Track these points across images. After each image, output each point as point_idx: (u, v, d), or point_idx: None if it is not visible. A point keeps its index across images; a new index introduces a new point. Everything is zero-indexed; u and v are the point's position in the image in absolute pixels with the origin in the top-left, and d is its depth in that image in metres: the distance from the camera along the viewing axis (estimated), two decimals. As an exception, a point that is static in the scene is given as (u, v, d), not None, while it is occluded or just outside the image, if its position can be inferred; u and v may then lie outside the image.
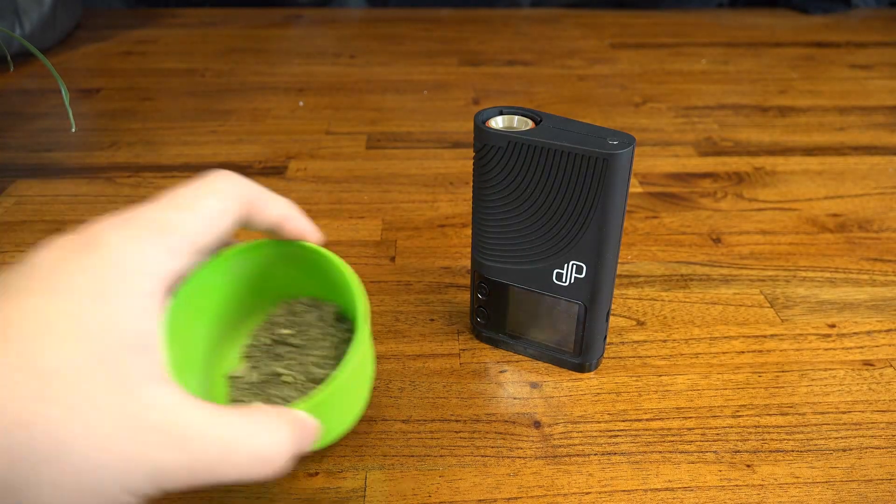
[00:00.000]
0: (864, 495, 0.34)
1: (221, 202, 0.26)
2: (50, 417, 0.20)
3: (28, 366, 0.20)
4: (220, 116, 0.77)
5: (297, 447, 0.24)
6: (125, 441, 0.20)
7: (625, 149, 0.33)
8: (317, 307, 0.37)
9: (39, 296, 0.21)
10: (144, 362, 0.22)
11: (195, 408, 0.22)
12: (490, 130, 0.35)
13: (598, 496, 0.34)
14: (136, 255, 0.22)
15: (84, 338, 0.21)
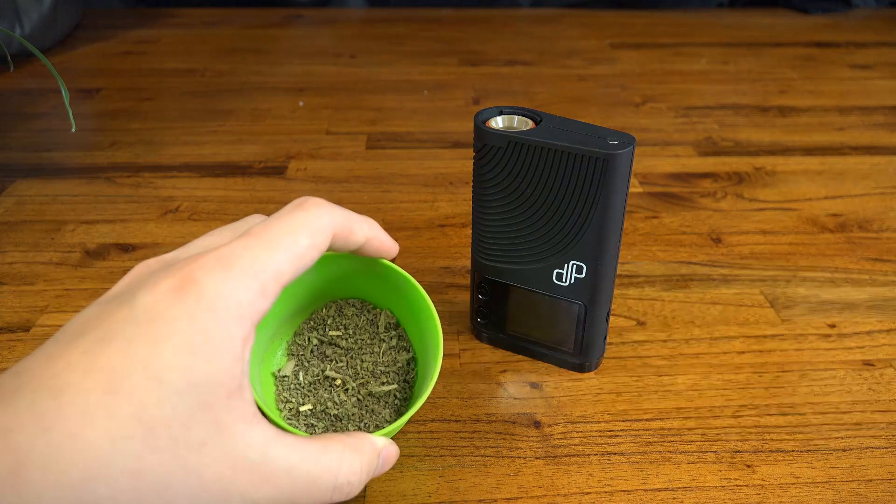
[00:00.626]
0: (864, 495, 0.34)
1: (312, 237, 0.26)
2: (157, 466, 0.21)
3: (138, 418, 0.21)
4: (220, 116, 0.77)
5: (374, 472, 0.28)
6: (224, 481, 0.23)
7: (625, 149, 0.33)
8: (367, 311, 0.37)
9: (146, 345, 0.22)
10: (240, 405, 0.23)
11: (283, 445, 0.24)
12: (490, 130, 0.35)
13: (598, 496, 0.34)
14: (231, 301, 0.23)
15: (190, 390, 0.22)
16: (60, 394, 0.21)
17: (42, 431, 0.20)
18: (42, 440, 0.20)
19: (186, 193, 0.61)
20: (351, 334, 0.37)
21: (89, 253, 0.52)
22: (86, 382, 0.21)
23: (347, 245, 0.29)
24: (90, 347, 0.22)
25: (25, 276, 0.49)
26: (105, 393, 0.21)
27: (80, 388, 0.21)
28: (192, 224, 0.56)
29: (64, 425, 0.20)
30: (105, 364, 0.21)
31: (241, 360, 0.23)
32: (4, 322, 0.45)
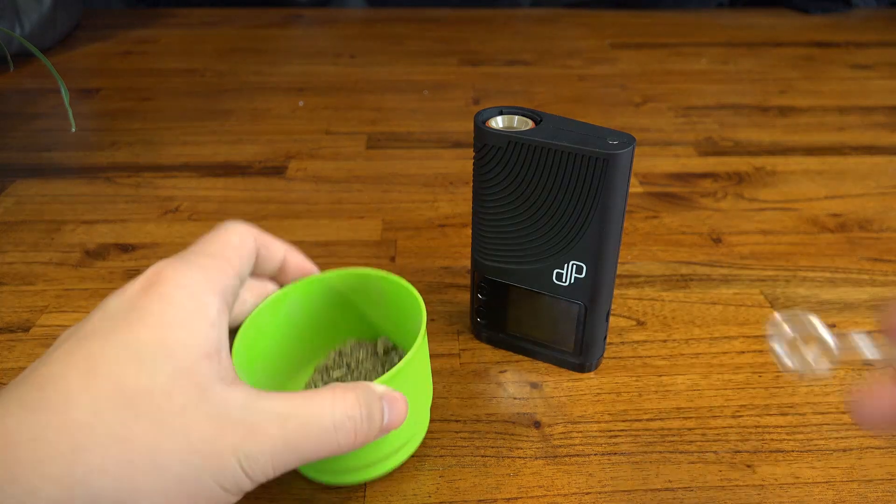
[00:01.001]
0: (864, 495, 0.34)
1: (240, 236, 0.30)
2: (142, 432, 0.22)
3: (118, 390, 0.22)
4: (220, 116, 0.77)
5: (381, 417, 0.27)
6: (212, 440, 0.23)
7: (625, 149, 0.33)
8: (364, 346, 0.38)
9: (122, 330, 0.24)
10: (217, 367, 0.24)
11: (268, 398, 0.25)
12: (490, 130, 0.35)
13: (598, 496, 0.34)
14: (196, 277, 0.26)
15: (167, 357, 0.23)
16: (44, 384, 0.22)
17: (28, 414, 0.21)
18: (29, 420, 0.21)
19: (186, 193, 0.60)
20: (354, 367, 0.37)
21: (89, 253, 0.52)
22: (67, 371, 0.22)
23: (270, 255, 0.32)
24: (70, 347, 0.23)
25: (25, 276, 0.49)
26: (84, 376, 0.22)
27: (61, 376, 0.22)
28: (192, 224, 0.56)
29: (48, 407, 0.22)
30: (85, 354, 0.23)
31: (215, 325, 0.25)
32: (4, 322, 0.45)
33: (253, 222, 0.59)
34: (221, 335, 0.26)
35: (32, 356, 0.42)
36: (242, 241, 0.30)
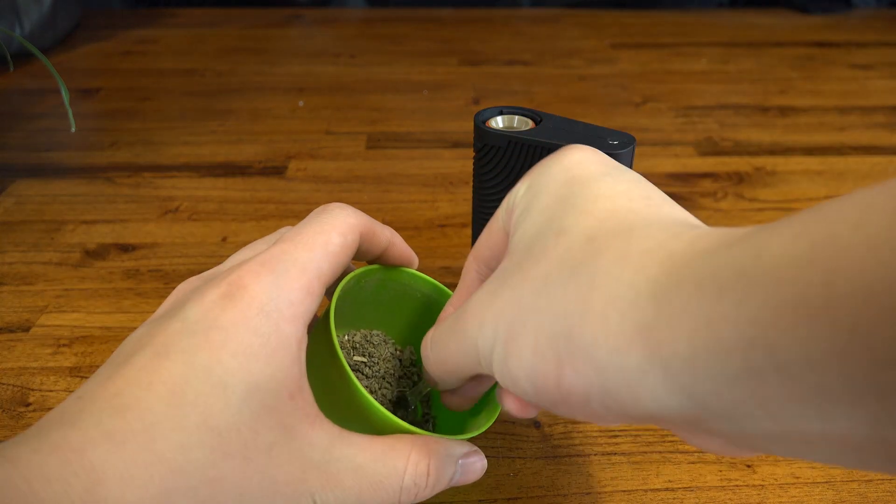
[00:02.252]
0: (864, 495, 0.34)
1: (342, 235, 0.27)
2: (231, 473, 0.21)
3: (206, 425, 0.21)
4: (220, 116, 0.77)
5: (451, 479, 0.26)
6: (295, 483, 0.23)
7: (625, 149, 0.33)
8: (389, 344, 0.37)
9: (204, 353, 0.22)
10: (302, 406, 0.24)
11: (348, 445, 0.24)
12: (490, 130, 0.35)
13: (598, 496, 0.34)
14: (282, 302, 0.24)
15: (253, 392, 0.22)
16: (126, 411, 0.21)
17: (115, 448, 0.20)
18: (116, 456, 0.20)
19: (186, 193, 0.61)
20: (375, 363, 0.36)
21: (89, 253, 0.52)
22: (149, 396, 0.21)
23: (372, 247, 0.29)
24: (147, 363, 0.22)
25: (25, 276, 0.49)
26: (169, 405, 0.21)
27: (144, 402, 0.21)
28: (192, 224, 0.56)
29: (135, 441, 0.20)
30: (166, 377, 0.21)
31: (297, 360, 0.24)
32: (4, 322, 0.45)
33: (253, 222, 0.59)
34: (302, 369, 0.24)
35: (32, 356, 0.42)
36: (343, 245, 0.27)
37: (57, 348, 0.42)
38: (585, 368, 0.19)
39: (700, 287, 0.16)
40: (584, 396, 0.19)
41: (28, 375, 0.40)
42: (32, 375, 0.40)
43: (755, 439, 0.17)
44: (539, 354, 0.20)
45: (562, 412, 0.21)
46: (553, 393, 0.20)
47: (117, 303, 0.47)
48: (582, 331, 0.19)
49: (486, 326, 0.22)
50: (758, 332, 0.14)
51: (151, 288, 0.48)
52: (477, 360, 0.23)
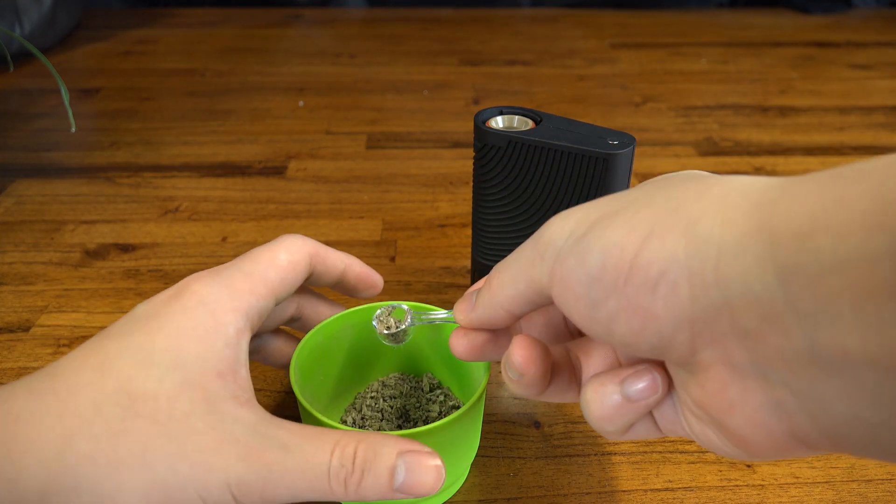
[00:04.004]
0: (864, 495, 0.34)
1: (291, 254, 0.29)
2: (137, 430, 0.22)
3: (124, 389, 0.23)
4: (220, 116, 0.77)
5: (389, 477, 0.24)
6: (207, 451, 0.22)
7: (625, 149, 0.33)
8: (408, 379, 0.38)
9: (140, 335, 0.24)
10: (231, 386, 0.24)
11: (278, 426, 0.24)
12: (490, 130, 0.35)
13: (598, 496, 0.34)
14: (222, 296, 0.26)
15: (178, 367, 0.24)
16: (56, 376, 0.23)
17: (34, 399, 0.22)
18: (33, 405, 0.22)
19: (186, 193, 0.61)
20: (399, 395, 0.37)
21: (89, 253, 0.52)
22: (78, 366, 0.23)
23: (326, 269, 0.31)
24: (90, 344, 0.24)
25: (25, 276, 0.49)
26: (94, 372, 0.23)
27: (72, 371, 0.23)
28: (192, 224, 0.56)
29: (53, 396, 0.22)
30: (101, 353, 0.24)
31: (234, 346, 0.25)
32: (4, 322, 0.45)
33: (253, 222, 0.59)
34: (239, 355, 0.25)
35: (32, 356, 0.42)
36: (291, 260, 0.29)
37: (57, 348, 0.42)
38: (676, 241, 0.17)
39: (834, 176, 0.15)
40: (658, 271, 0.18)
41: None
42: (32, 375, 0.40)
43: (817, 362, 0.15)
44: (628, 226, 0.19)
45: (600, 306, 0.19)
46: (621, 267, 0.18)
47: (117, 303, 0.47)
48: (693, 206, 0.18)
49: (570, 220, 0.21)
50: (885, 214, 0.14)
51: (151, 288, 0.48)
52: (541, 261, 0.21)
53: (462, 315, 0.26)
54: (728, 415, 0.18)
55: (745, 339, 0.17)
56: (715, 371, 0.18)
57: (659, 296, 0.18)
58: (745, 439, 0.18)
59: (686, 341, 0.18)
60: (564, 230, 0.21)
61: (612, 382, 0.22)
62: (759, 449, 0.18)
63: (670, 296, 0.18)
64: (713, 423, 0.19)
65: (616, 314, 0.19)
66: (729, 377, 0.18)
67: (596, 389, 0.22)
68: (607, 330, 0.19)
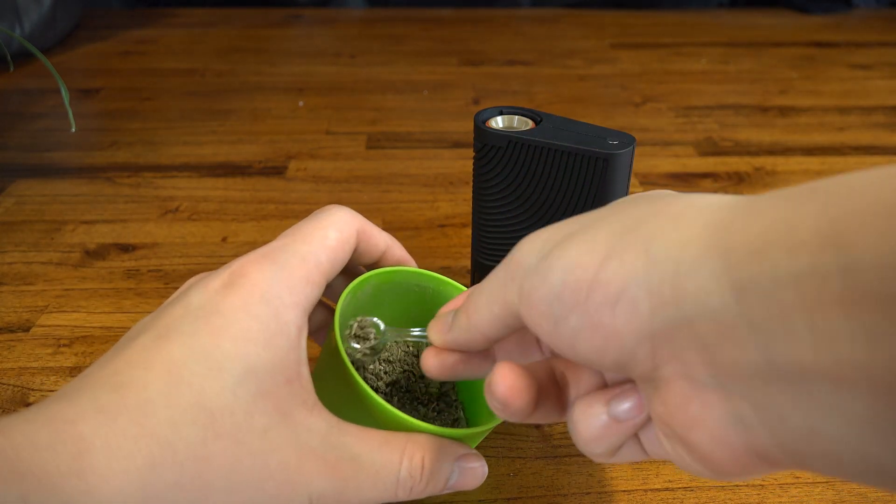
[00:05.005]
0: (865, 495, 0.34)
1: (339, 231, 0.28)
2: (222, 453, 0.21)
3: (199, 404, 0.21)
4: (220, 116, 0.77)
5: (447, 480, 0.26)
6: (290, 469, 0.22)
7: (625, 149, 0.33)
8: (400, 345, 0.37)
9: (204, 336, 0.23)
10: (300, 392, 0.24)
11: (346, 434, 0.24)
12: (490, 130, 0.35)
13: (598, 496, 0.34)
14: (282, 289, 0.24)
15: (250, 376, 0.22)
16: (121, 388, 0.21)
17: (105, 421, 0.20)
18: (105, 428, 0.20)
19: (186, 193, 0.61)
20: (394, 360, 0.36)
21: (89, 253, 0.52)
22: (146, 376, 0.22)
23: (370, 248, 0.30)
24: (149, 344, 0.23)
25: (25, 276, 0.49)
26: (165, 384, 0.21)
27: (140, 381, 0.21)
28: (192, 224, 0.56)
29: (126, 415, 0.21)
30: (165, 357, 0.22)
31: (297, 347, 0.24)
32: (4, 322, 0.45)
33: (253, 222, 0.59)
34: (301, 356, 0.25)
35: (32, 356, 0.42)
36: (340, 238, 0.28)
37: (57, 348, 0.42)
38: (634, 259, 0.18)
39: (786, 196, 0.16)
40: (618, 289, 0.18)
41: (28, 375, 0.40)
42: (32, 375, 0.40)
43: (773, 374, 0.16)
44: (587, 245, 0.19)
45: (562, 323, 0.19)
46: (581, 285, 0.19)
47: (117, 303, 0.47)
48: (649, 225, 0.18)
49: (537, 241, 0.22)
50: (834, 231, 0.14)
51: (152, 288, 0.48)
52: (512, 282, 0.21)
53: (437, 335, 0.25)
54: (691, 430, 0.18)
55: (704, 353, 0.17)
56: (676, 386, 0.18)
57: (619, 312, 0.18)
58: (709, 456, 0.18)
59: (647, 356, 0.18)
60: (533, 250, 0.21)
61: (599, 403, 0.22)
62: (722, 466, 0.18)
63: (630, 312, 0.18)
64: (679, 441, 0.19)
65: (578, 331, 0.19)
66: (690, 391, 0.18)
67: (583, 410, 0.22)
68: (571, 346, 0.20)
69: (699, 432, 0.18)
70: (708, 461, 0.19)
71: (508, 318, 0.22)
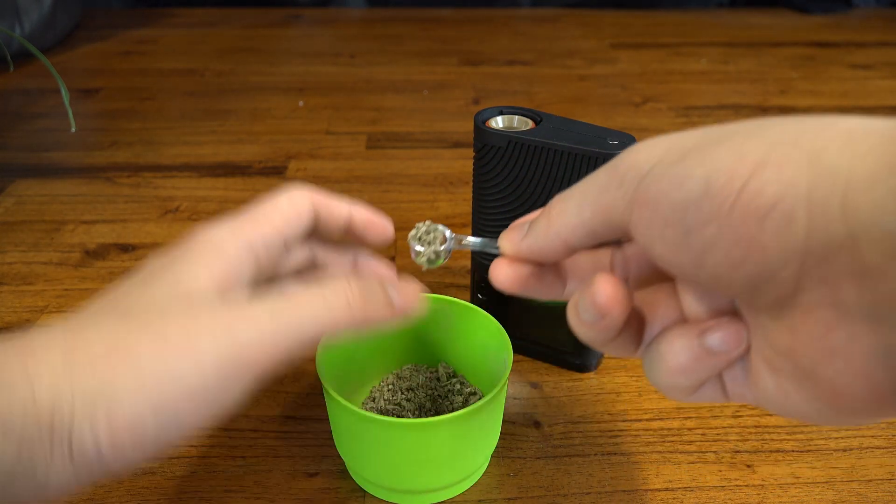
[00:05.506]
0: (865, 495, 0.34)
1: (292, 200, 0.31)
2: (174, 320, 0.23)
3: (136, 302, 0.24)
4: (220, 116, 0.77)
5: (364, 287, 0.27)
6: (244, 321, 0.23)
7: (625, 149, 0.33)
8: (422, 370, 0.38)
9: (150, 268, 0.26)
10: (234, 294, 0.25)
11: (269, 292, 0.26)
12: (490, 130, 0.35)
13: (598, 496, 0.34)
14: (223, 231, 0.27)
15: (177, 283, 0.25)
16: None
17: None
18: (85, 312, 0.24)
19: (186, 193, 0.60)
20: (417, 386, 0.37)
21: (89, 253, 0.52)
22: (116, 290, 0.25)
23: (332, 216, 0.32)
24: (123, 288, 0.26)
25: (25, 276, 0.49)
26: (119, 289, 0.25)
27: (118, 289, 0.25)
28: (192, 224, 0.56)
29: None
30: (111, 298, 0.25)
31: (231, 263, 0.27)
32: (4, 322, 0.45)
33: (253, 222, 0.58)
34: (241, 275, 0.26)
35: (32, 356, 0.42)
36: (292, 204, 0.30)
37: (57, 348, 0.43)
38: (795, 170, 0.16)
39: None
40: (771, 200, 0.16)
41: (28, 375, 0.40)
42: (32, 375, 0.40)
43: None
44: (737, 153, 0.17)
45: (695, 234, 0.18)
46: (727, 193, 0.17)
47: (117, 303, 0.47)
48: (816, 138, 0.17)
49: (658, 147, 0.20)
50: None
51: (151, 288, 0.48)
52: (619, 187, 0.20)
53: (510, 244, 0.25)
54: (825, 363, 0.17)
55: (864, 279, 0.16)
56: (818, 314, 0.17)
57: (769, 226, 0.16)
58: (840, 391, 0.17)
59: (791, 278, 0.17)
60: (651, 157, 0.20)
61: (691, 334, 0.21)
62: (853, 403, 0.17)
63: (783, 227, 0.16)
64: (799, 376, 0.18)
65: (713, 243, 0.18)
66: (835, 321, 0.17)
67: (672, 341, 0.21)
68: (698, 261, 0.18)
69: (836, 365, 0.17)
70: (837, 398, 0.17)
71: (598, 226, 0.21)
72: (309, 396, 0.39)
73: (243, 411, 0.38)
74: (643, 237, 0.20)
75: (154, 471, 0.34)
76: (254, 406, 0.39)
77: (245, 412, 0.38)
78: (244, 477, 0.34)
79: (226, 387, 0.23)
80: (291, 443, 0.36)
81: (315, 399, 0.39)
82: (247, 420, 0.38)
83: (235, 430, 0.37)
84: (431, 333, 0.37)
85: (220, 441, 0.36)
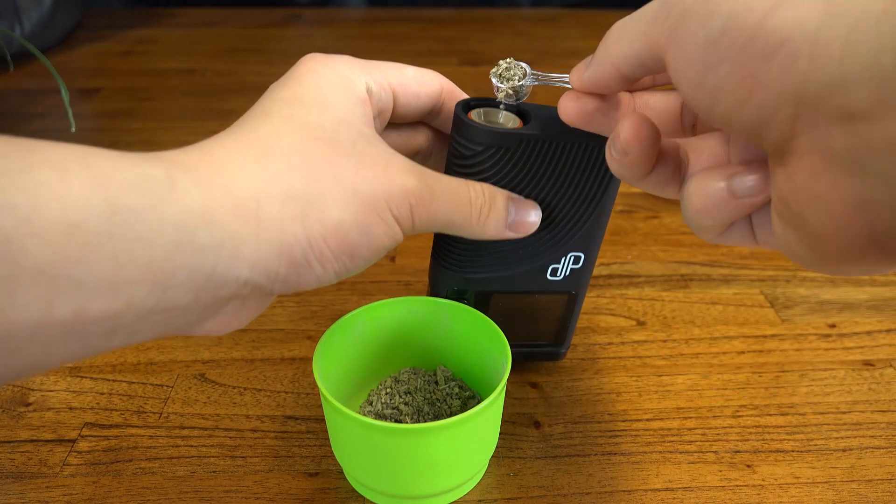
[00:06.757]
0: (865, 495, 0.34)
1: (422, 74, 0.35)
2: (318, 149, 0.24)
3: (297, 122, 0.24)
4: (220, 116, 0.77)
5: (494, 201, 0.29)
6: (387, 167, 0.25)
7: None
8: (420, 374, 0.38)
9: (284, 90, 0.26)
10: (376, 134, 0.26)
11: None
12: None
13: (598, 496, 0.34)
14: (341, 64, 0.28)
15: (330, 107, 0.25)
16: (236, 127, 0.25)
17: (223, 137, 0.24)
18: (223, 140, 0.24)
19: (186, 193, 0.60)
20: (414, 390, 0.37)
21: (89, 253, 0.52)
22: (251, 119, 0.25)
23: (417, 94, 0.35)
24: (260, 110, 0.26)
25: (25, 276, 0.49)
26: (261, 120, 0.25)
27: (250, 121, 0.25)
28: (192, 224, 0.56)
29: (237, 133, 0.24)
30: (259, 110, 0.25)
31: (365, 103, 0.27)
32: (4, 322, 0.45)
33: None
34: (369, 118, 0.27)
35: (32, 356, 0.42)
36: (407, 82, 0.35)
37: (57, 348, 0.42)
38: (810, 8, 0.16)
39: None
40: (780, 39, 0.17)
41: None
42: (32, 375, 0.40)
43: None
44: None
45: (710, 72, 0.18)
46: (743, 31, 0.17)
47: (117, 303, 0.47)
48: None
49: None
50: None
51: (151, 288, 0.48)
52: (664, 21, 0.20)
53: (576, 75, 0.27)
54: (811, 209, 0.18)
55: (851, 123, 0.16)
56: (808, 160, 0.17)
57: (774, 65, 0.17)
58: (824, 239, 0.18)
59: (786, 121, 0.17)
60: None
61: (719, 176, 0.21)
62: (836, 251, 0.18)
63: (786, 66, 0.17)
64: (795, 222, 0.18)
65: (724, 81, 0.18)
66: (822, 167, 0.17)
67: (700, 181, 0.22)
68: (712, 99, 0.19)
69: (820, 212, 0.17)
70: (821, 245, 0.18)
71: (646, 59, 0.22)
72: (309, 396, 0.39)
73: (243, 411, 0.38)
74: (673, 75, 0.20)
75: (154, 471, 0.34)
76: (254, 406, 0.39)
77: (245, 412, 0.38)
78: (244, 477, 0.34)
79: (392, 224, 0.24)
80: (291, 443, 0.36)
81: (315, 399, 0.39)
82: (247, 420, 0.38)
83: (235, 430, 0.37)
84: (430, 336, 0.37)
85: (220, 441, 0.36)
